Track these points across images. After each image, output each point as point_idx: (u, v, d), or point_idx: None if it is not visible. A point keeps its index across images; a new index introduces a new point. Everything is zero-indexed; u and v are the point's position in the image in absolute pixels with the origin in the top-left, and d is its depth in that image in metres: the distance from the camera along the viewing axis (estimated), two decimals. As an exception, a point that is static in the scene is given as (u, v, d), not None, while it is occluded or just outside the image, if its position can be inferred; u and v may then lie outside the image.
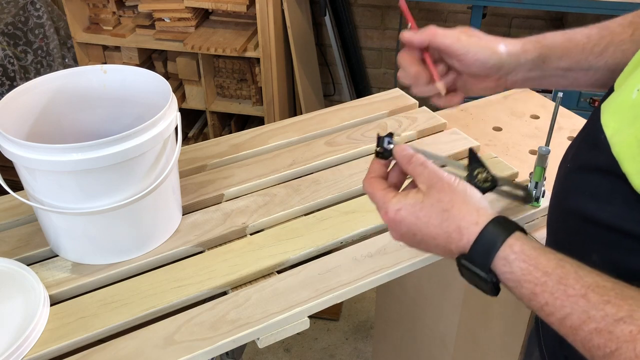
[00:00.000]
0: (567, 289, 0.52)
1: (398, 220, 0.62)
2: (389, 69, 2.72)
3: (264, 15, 2.12)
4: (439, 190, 0.61)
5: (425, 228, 0.61)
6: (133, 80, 0.91)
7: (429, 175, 0.62)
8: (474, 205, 0.60)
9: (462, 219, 0.59)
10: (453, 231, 0.59)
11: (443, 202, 0.60)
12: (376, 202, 0.65)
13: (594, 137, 0.62)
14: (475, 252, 0.58)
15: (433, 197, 0.61)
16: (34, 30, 2.43)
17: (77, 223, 0.81)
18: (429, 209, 0.60)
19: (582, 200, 0.62)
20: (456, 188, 0.61)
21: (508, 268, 0.56)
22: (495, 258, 0.56)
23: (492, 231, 0.57)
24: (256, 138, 1.12)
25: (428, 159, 0.64)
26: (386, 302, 1.56)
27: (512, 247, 0.56)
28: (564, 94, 0.93)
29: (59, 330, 0.75)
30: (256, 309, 0.78)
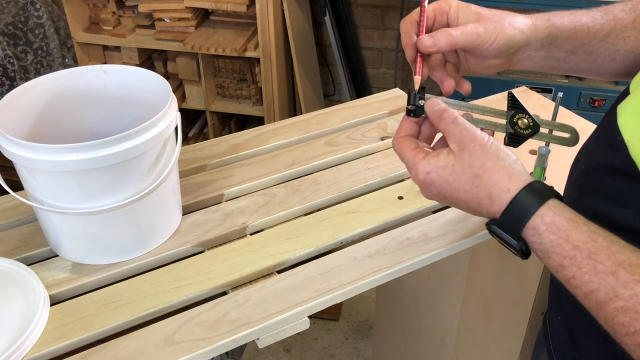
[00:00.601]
0: (596, 265, 0.50)
1: (428, 183, 0.61)
2: (389, 69, 2.72)
3: (264, 15, 2.12)
4: (471, 154, 0.59)
5: (455, 192, 0.59)
6: (133, 80, 0.91)
7: (461, 135, 0.60)
8: (506, 170, 0.58)
9: (493, 185, 0.57)
10: (484, 197, 0.58)
11: (474, 167, 0.58)
12: (406, 162, 0.64)
13: (610, 138, 0.60)
14: (505, 219, 0.57)
15: (464, 161, 0.59)
16: (34, 30, 2.43)
17: (77, 223, 0.81)
18: (460, 174, 0.59)
19: (597, 201, 0.62)
20: (488, 151, 0.59)
21: (537, 239, 0.55)
22: (525, 227, 0.55)
23: (523, 199, 0.56)
24: (256, 138, 1.12)
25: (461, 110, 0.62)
26: (386, 302, 1.56)
27: (543, 217, 0.55)
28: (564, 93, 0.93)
29: (59, 330, 0.75)
30: (256, 309, 0.78)
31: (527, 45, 0.71)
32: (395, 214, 0.93)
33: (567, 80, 2.07)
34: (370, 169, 1.03)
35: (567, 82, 2.06)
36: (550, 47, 0.72)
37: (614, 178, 0.60)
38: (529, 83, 2.04)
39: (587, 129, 1.19)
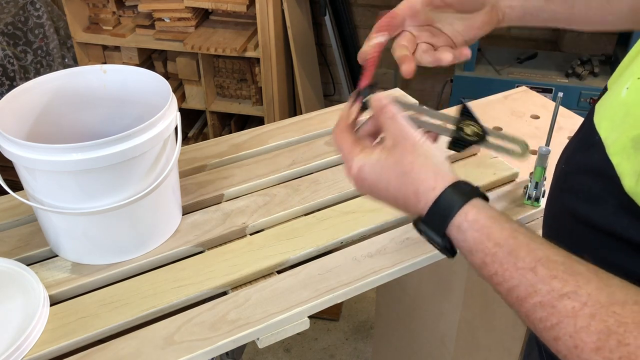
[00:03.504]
0: (517, 262, 0.51)
1: (361, 178, 0.61)
2: (389, 69, 2.72)
3: (264, 15, 2.12)
4: (402, 150, 0.59)
5: (385, 189, 0.60)
6: (133, 80, 0.91)
7: (395, 131, 0.61)
8: (433, 169, 0.58)
9: (420, 183, 0.58)
10: (411, 195, 0.58)
11: (403, 164, 0.59)
12: (342, 155, 0.64)
13: (588, 137, 0.61)
14: (430, 217, 0.57)
15: (395, 157, 0.60)
16: (33, 30, 2.43)
17: (77, 223, 0.81)
18: (390, 170, 0.60)
19: (575, 200, 0.62)
20: (419, 149, 0.59)
21: (461, 236, 0.55)
22: (449, 225, 0.56)
23: (448, 198, 0.57)
24: (256, 138, 1.12)
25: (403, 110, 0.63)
26: (386, 302, 1.56)
27: (466, 215, 0.55)
28: (565, 93, 0.93)
29: (59, 330, 0.75)
30: (256, 309, 0.78)
31: None
32: (395, 214, 0.93)
33: (567, 80, 2.07)
34: (370, 169, 1.03)
35: (567, 82, 2.06)
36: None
37: (591, 178, 0.60)
38: (529, 83, 2.04)
39: (587, 129, 1.19)
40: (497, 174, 1.01)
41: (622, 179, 0.54)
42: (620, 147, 0.55)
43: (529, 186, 0.94)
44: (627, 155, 0.54)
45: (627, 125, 0.55)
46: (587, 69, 2.07)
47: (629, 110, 0.56)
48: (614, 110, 0.59)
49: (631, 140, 0.54)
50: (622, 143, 0.55)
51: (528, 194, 0.95)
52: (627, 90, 0.57)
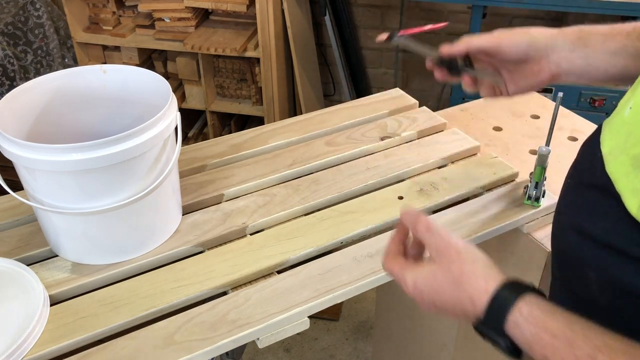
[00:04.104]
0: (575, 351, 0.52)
1: (418, 292, 0.63)
2: (389, 69, 2.72)
3: (264, 15, 2.12)
4: (448, 260, 0.62)
5: (442, 297, 0.62)
6: (133, 80, 0.91)
7: (437, 243, 0.63)
8: (482, 272, 0.60)
9: (472, 288, 0.59)
10: (466, 300, 0.60)
11: (453, 273, 0.61)
12: (395, 278, 0.66)
13: (592, 154, 0.62)
14: (488, 318, 0.58)
15: (444, 267, 0.62)
16: (33, 30, 2.43)
17: (77, 223, 0.81)
18: (442, 280, 0.61)
19: (579, 216, 0.63)
20: (463, 255, 0.61)
21: (519, 332, 0.56)
22: (506, 322, 0.57)
23: (501, 297, 0.58)
24: (256, 138, 1.12)
25: None
26: (386, 302, 1.56)
27: (520, 310, 0.56)
28: (565, 93, 0.93)
29: (59, 330, 0.75)
30: (256, 309, 0.78)
31: (555, 47, 0.73)
32: (395, 214, 0.93)
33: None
34: (370, 169, 1.03)
35: (567, 82, 2.06)
36: (586, 49, 0.72)
37: (593, 193, 0.61)
38: (529, 83, 2.04)
39: (586, 129, 1.19)
40: (497, 174, 1.01)
41: (622, 196, 0.55)
42: (619, 165, 0.56)
43: (529, 186, 0.94)
44: (625, 173, 0.55)
45: (628, 144, 0.56)
46: (587, 69, 2.07)
47: (631, 129, 0.56)
48: (617, 129, 0.60)
49: (631, 159, 0.54)
50: (621, 161, 0.55)
51: (528, 194, 0.95)
52: (630, 110, 0.58)
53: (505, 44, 0.74)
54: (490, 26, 0.85)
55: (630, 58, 0.71)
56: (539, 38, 0.73)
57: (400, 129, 1.13)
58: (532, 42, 0.73)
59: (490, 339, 0.59)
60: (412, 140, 1.12)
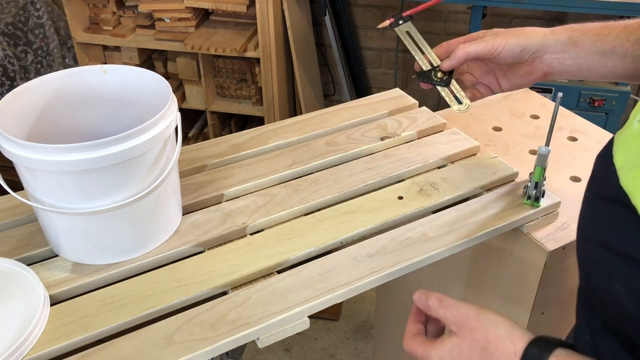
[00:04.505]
0: None
1: None
2: (389, 69, 2.72)
3: (264, 15, 2.13)
4: (469, 329, 0.62)
5: None
6: (133, 80, 0.91)
7: (453, 316, 0.64)
8: (507, 334, 0.60)
9: (501, 352, 0.59)
10: None
11: (479, 341, 0.61)
12: (419, 357, 0.66)
13: (606, 167, 0.62)
14: None
15: (467, 338, 0.62)
16: (34, 30, 2.44)
17: (77, 223, 0.81)
18: (468, 351, 0.61)
19: (601, 229, 0.63)
20: (483, 321, 0.62)
21: None
22: None
23: (532, 356, 0.58)
24: (256, 138, 1.12)
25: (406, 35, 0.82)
26: (386, 302, 1.56)
27: None
28: (564, 94, 0.93)
29: (59, 330, 0.75)
30: (256, 309, 0.78)
31: (547, 48, 0.76)
32: (395, 214, 0.93)
33: (567, 80, 2.07)
34: (370, 169, 1.03)
35: (567, 82, 2.06)
36: (576, 49, 0.75)
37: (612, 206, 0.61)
38: (529, 83, 2.04)
39: (586, 129, 1.19)
40: (497, 174, 1.01)
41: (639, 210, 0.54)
42: (632, 179, 0.56)
43: (529, 186, 0.94)
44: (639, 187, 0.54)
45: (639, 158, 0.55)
46: (587, 69, 2.07)
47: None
48: (628, 142, 0.60)
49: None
50: (634, 175, 0.55)
51: (528, 194, 0.95)
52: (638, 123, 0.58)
53: (499, 50, 0.77)
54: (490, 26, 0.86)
55: (620, 58, 0.73)
56: (532, 41, 0.76)
57: (400, 129, 1.13)
58: (526, 46, 0.76)
59: None
60: (412, 140, 1.12)
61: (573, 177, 1.06)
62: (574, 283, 1.04)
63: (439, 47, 0.87)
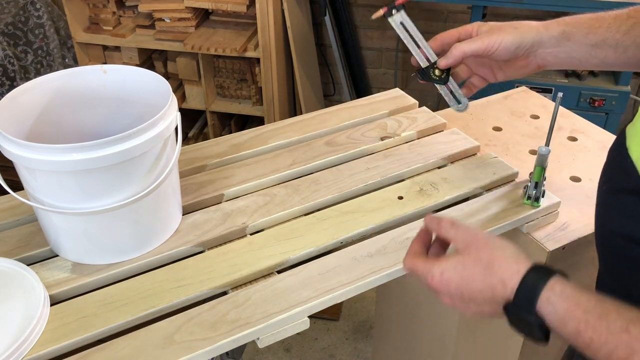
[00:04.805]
0: (609, 325, 0.54)
1: (445, 283, 0.64)
2: (389, 69, 2.72)
3: (264, 15, 2.13)
4: (476, 248, 0.64)
5: (471, 284, 0.63)
6: (133, 80, 0.91)
7: (463, 235, 0.66)
8: (512, 256, 0.62)
9: (504, 271, 0.61)
10: (497, 283, 0.61)
11: (483, 259, 0.63)
12: (420, 273, 0.67)
13: (621, 160, 0.63)
14: (519, 298, 0.60)
15: (472, 256, 0.64)
16: (34, 30, 2.44)
17: (77, 223, 0.81)
18: (472, 267, 0.63)
19: (623, 221, 0.63)
20: (493, 244, 0.64)
21: (552, 308, 0.58)
22: (538, 301, 0.58)
23: (532, 277, 0.60)
24: (256, 138, 1.12)
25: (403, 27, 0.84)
26: (386, 302, 1.56)
27: (553, 288, 0.58)
28: (564, 93, 0.93)
29: (59, 330, 0.75)
30: (256, 309, 0.78)
31: (541, 43, 0.79)
32: (395, 214, 0.93)
33: (567, 80, 2.07)
34: (370, 169, 1.03)
35: (567, 82, 2.06)
36: (569, 43, 0.78)
37: (632, 198, 0.62)
38: (528, 83, 2.04)
39: (586, 129, 1.19)
40: (497, 174, 1.01)
41: None
42: None
43: (529, 186, 0.94)
44: None
45: None
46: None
47: None
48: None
49: None
50: None
51: (528, 194, 0.95)
52: None
53: (495, 48, 0.80)
54: (490, 26, 0.87)
55: (611, 49, 0.76)
56: (526, 38, 0.79)
57: (400, 129, 1.13)
58: (520, 43, 0.79)
59: (519, 320, 0.60)
60: (412, 140, 1.12)
61: (573, 177, 1.06)
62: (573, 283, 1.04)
63: (433, 40, 0.88)
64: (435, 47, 0.89)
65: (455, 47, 0.83)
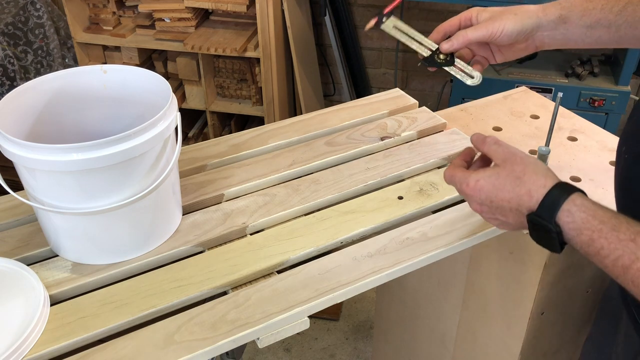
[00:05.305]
0: (619, 235, 0.61)
1: (477, 189, 0.72)
2: (389, 69, 2.72)
3: (264, 15, 2.13)
4: (513, 162, 0.71)
5: (500, 193, 0.70)
6: (133, 80, 0.91)
7: (504, 152, 0.73)
8: (542, 173, 0.69)
9: (532, 183, 0.68)
10: (524, 194, 0.68)
11: (516, 172, 0.70)
12: (457, 180, 0.75)
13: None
14: (542, 208, 0.67)
15: (507, 169, 0.71)
16: (34, 30, 2.43)
17: (77, 223, 0.81)
18: (505, 178, 0.70)
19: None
20: (528, 160, 0.71)
21: (570, 218, 0.64)
22: (559, 211, 0.65)
23: (557, 191, 0.67)
24: (256, 138, 1.12)
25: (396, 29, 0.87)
26: (386, 302, 1.56)
27: (574, 201, 0.65)
28: (565, 93, 0.93)
29: (59, 330, 0.75)
30: (256, 309, 0.78)
31: (540, 27, 0.83)
32: (395, 214, 0.93)
33: (567, 80, 2.07)
34: (370, 169, 1.03)
35: (567, 82, 2.06)
36: (566, 25, 0.83)
37: None
38: (529, 83, 2.04)
39: (586, 129, 1.19)
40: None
41: None
42: None
43: None
44: None
45: None
46: (587, 69, 2.07)
47: None
48: None
49: None
50: None
51: (528, 194, 0.95)
52: None
53: (497, 35, 0.83)
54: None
55: (604, 29, 0.81)
56: (527, 24, 0.83)
57: (400, 129, 1.13)
58: (521, 29, 0.83)
59: (540, 228, 0.67)
60: (412, 140, 1.12)
61: (573, 177, 1.06)
62: (573, 283, 1.04)
63: (436, 32, 0.90)
64: (438, 38, 0.91)
65: (459, 34, 0.86)
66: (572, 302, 1.08)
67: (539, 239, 0.69)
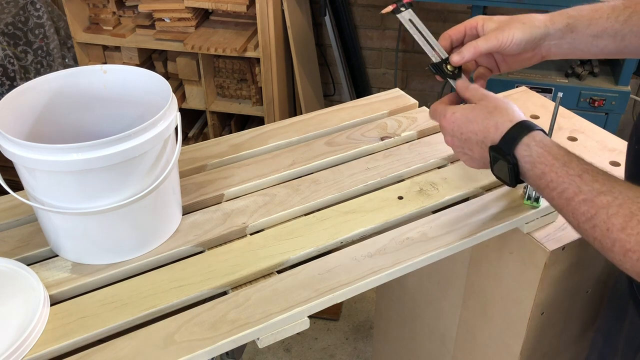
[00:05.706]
0: (568, 170, 0.66)
1: (452, 121, 0.78)
2: (389, 69, 2.72)
3: (264, 15, 2.13)
4: (488, 100, 0.77)
5: (470, 125, 0.76)
6: (133, 80, 0.91)
7: (482, 92, 0.78)
8: (512, 111, 0.74)
9: (500, 117, 0.74)
10: (491, 126, 0.74)
11: (489, 107, 0.75)
12: (437, 112, 0.80)
13: None
14: (504, 140, 0.72)
15: (482, 104, 0.76)
16: (34, 30, 2.44)
17: (77, 223, 0.81)
18: (478, 111, 0.76)
19: None
20: (502, 100, 0.76)
21: (527, 152, 0.70)
22: (519, 144, 0.71)
23: (520, 127, 0.72)
24: (256, 138, 1.12)
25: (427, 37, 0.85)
26: (386, 302, 1.56)
27: (534, 137, 0.71)
28: (565, 93, 0.93)
29: (59, 330, 0.75)
30: (256, 309, 0.78)
31: (547, 36, 0.83)
32: (395, 214, 0.93)
33: (567, 80, 2.07)
34: (370, 169, 1.03)
35: (567, 82, 2.06)
36: (573, 34, 0.83)
37: None
38: (529, 83, 2.04)
39: (586, 129, 1.19)
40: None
41: None
42: None
43: (529, 186, 0.94)
44: None
45: None
46: (587, 69, 2.07)
47: None
48: None
49: None
50: None
51: (528, 194, 0.95)
52: None
53: (506, 45, 0.83)
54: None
55: (610, 39, 0.82)
56: (535, 34, 0.83)
57: (400, 129, 1.13)
58: (530, 39, 0.82)
59: (499, 159, 0.73)
60: (412, 140, 1.12)
61: (573, 177, 1.05)
62: (574, 283, 1.04)
63: (442, 39, 0.89)
64: (446, 46, 0.89)
65: (469, 45, 0.85)
66: (573, 302, 1.08)
67: (497, 171, 0.74)
